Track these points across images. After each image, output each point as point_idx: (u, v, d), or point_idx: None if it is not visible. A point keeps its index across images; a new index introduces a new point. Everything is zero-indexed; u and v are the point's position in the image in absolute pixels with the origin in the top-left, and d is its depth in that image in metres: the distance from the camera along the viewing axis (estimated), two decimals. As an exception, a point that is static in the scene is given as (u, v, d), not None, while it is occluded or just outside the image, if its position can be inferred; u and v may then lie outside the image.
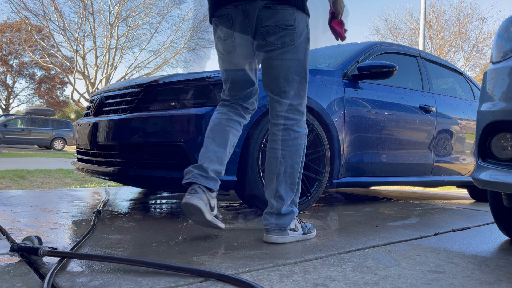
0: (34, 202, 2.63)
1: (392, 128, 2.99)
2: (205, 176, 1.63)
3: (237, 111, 1.79)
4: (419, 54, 3.61)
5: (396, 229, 2.09)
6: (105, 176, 2.39)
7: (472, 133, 3.66)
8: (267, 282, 1.18)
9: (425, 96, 3.33)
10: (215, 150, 1.68)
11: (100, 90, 2.82)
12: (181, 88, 2.24)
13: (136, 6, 19.95)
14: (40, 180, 4.52)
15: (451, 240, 1.91)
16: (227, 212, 2.46)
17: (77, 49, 19.02)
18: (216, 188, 1.66)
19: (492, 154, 1.56)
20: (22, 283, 1.11)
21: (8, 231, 1.72)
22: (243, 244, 1.64)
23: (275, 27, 1.61)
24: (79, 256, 1.32)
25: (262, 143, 2.26)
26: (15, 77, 29.52)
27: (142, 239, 1.66)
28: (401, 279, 1.27)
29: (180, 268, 1.22)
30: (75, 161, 2.97)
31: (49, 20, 18.47)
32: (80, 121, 2.82)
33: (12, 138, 16.09)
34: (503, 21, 1.67)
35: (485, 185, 1.53)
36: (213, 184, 1.64)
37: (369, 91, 2.88)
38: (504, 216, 1.88)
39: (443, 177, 3.47)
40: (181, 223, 2.07)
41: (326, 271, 1.32)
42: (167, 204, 2.78)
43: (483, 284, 1.26)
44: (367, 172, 2.86)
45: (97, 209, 2.21)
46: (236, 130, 1.76)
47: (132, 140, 2.21)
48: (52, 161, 8.64)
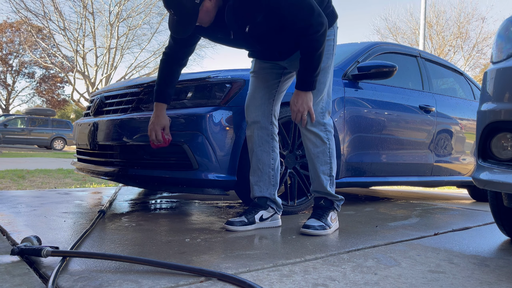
0: (34, 202, 2.63)
1: (392, 128, 2.99)
2: None
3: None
4: (419, 54, 3.61)
5: (396, 229, 2.09)
6: (105, 176, 2.39)
7: (472, 133, 3.66)
8: (267, 282, 1.18)
9: (425, 96, 3.33)
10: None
11: (100, 90, 2.82)
12: (181, 88, 2.24)
13: (136, 6, 19.96)
14: (40, 180, 4.52)
15: (451, 240, 1.91)
16: (227, 212, 2.46)
17: (77, 49, 19.02)
18: None
19: (492, 153, 1.55)
20: (22, 283, 1.11)
21: (8, 231, 1.72)
22: (243, 244, 1.64)
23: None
24: (82, 255, 1.32)
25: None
26: (15, 77, 29.51)
27: (142, 239, 1.66)
28: (401, 279, 1.27)
29: (183, 268, 1.22)
30: (75, 161, 2.98)
31: (49, 20, 18.48)
32: (80, 121, 2.82)
33: (12, 138, 16.09)
34: (503, 21, 1.67)
35: (485, 185, 1.53)
36: None
37: (369, 91, 2.88)
38: (504, 216, 1.88)
39: (443, 177, 3.47)
40: (181, 223, 2.07)
41: (326, 271, 1.31)
42: (167, 204, 2.78)
43: (483, 284, 1.26)
44: (367, 172, 2.86)
45: (102, 209, 2.21)
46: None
47: (132, 141, 2.21)
48: (52, 161, 8.64)
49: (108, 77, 19.92)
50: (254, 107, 1.99)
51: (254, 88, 2.02)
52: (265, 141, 1.99)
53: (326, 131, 1.93)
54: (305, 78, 1.80)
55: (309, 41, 1.73)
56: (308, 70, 1.79)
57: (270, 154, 2.00)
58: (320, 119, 1.91)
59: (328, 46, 1.92)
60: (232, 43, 1.91)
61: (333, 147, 1.96)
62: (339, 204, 2.00)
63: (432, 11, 21.79)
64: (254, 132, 1.99)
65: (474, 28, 22.51)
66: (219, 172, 2.13)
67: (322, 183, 1.94)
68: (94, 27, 19.57)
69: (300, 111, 1.84)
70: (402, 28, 23.61)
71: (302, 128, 1.92)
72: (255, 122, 1.99)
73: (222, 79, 2.20)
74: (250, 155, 2.03)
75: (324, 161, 1.94)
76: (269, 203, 2.00)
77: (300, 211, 2.43)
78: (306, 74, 1.80)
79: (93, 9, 19.20)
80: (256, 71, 2.05)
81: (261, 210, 1.97)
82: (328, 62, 1.93)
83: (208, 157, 2.09)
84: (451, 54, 22.28)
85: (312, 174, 1.97)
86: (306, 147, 1.95)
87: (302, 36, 1.73)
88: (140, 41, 21.82)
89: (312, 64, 1.77)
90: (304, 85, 1.81)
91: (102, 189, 3.65)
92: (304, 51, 1.77)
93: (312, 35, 1.71)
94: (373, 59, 3.03)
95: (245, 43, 1.90)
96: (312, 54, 1.75)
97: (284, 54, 1.94)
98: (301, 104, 1.83)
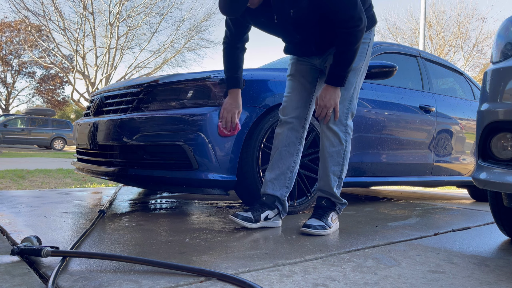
0: (34, 202, 2.63)
1: (392, 128, 2.99)
2: None
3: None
4: (419, 54, 3.61)
5: (396, 229, 2.09)
6: (105, 176, 2.39)
7: (472, 133, 3.66)
8: (267, 282, 1.18)
9: (425, 96, 3.33)
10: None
11: (100, 90, 2.82)
12: (181, 88, 2.24)
13: (136, 6, 19.95)
14: (40, 180, 4.52)
15: (451, 240, 1.91)
16: (227, 212, 2.46)
17: (77, 49, 19.02)
18: None
19: (492, 153, 1.55)
20: (22, 283, 1.11)
21: (8, 231, 1.72)
22: (243, 244, 1.64)
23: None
24: (82, 255, 1.32)
25: (262, 143, 2.26)
26: (15, 77, 29.51)
27: (142, 239, 1.66)
28: (401, 279, 1.27)
29: (183, 268, 1.22)
30: (75, 161, 2.98)
31: (49, 20, 18.48)
32: (80, 121, 2.82)
33: (12, 138, 16.09)
34: (503, 21, 1.67)
35: (485, 185, 1.53)
36: None
37: (369, 91, 2.88)
38: (504, 216, 1.88)
39: (443, 177, 3.47)
40: (181, 223, 2.07)
41: (326, 271, 1.31)
42: (167, 204, 2.78)
43: (483, 284, 1.26)
44: (367, 172, 2.86)
45: (102, 209, 2.20)
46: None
47: (132, 140, 2.21)
48: (52, 161, 8.64)
49: (108, 77, 19.91)
50: (290, 109, 2.02)
51: (291, 91, 2.06)
52: (292, 143, 2.01)
53: (346, 133, 1.93)
54: (337, 73, 1.82)
55: (347, 34, 1.76)
56: (341, 64, 1.81)
57: (293, 156, 2.01)
58: (343, 119, 1.91)
59: (362, 48, 1.94)
60: (273, 29, 1.94)
61: (349, 150, 1.96)
62: (341, 207, 2.00)
63: (432, 11, 21.80)
64: (284, 132, 2.02)
65: (474, 28, 22.57)
66: (219, 172, 2.13)
67: (330, 183, 1.93)
68: (94, 27, 19.57)
69: (326, 106, 1.86)
70: (402, 28, 23.69)
71: (323, 125, 1.93)
72: (289, 123, 2.01)
73: (222, 79, 2.20)
74: (272, 152, 2.04)
75: (337, 161, 1.93)
76: (277, 203, 2.00)
77: (300, 211, 2.43)
78: (338, 69, 1.82)
79: (93, 9, 19.20)
80: (293, 74, 2.09)
81: (268, 210, 1.97)
82: (360, 63, 1.94)
83: (208, 157, 2.09)
84: (451, 54, 22.29)
85: (321, 173, 1.96)
86: (323, 144, 1.95)
87: (341, 28, 1.77)
88: (140, 41, 21.79)
89: (346, 59, 1.80)
90: (335, 80, 1.84)
91: (102, 189, 3.65)
92: (340, 44, 1.80)
93: (351, 29, 1.75)
94: (373, 59, 3.03)
95: (285, 30, 1.92)
96: (348, 49, 1.78)
97: (320, 50, 1.97)
98: (329, 99, 1.85)
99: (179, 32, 20.80)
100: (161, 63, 21.72)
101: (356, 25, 1.74)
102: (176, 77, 2.29)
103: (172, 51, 21.77)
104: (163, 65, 21.78)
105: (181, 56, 28.67)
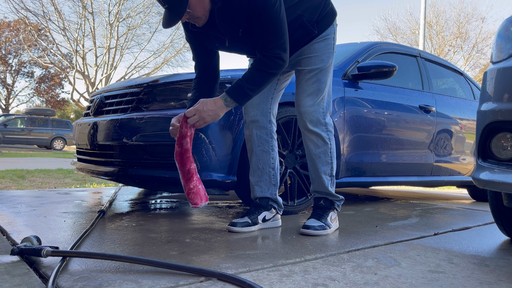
0: (34, 202, 2.63)
1: (392, 128, 2.99)
2: None
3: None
4: (419, 54, 3.61)
5: (396, 229, 2.09)
6: (105, 176, 2.39)
7: (472, 133, 3.66)
8: (267, 282, 1.18)
9: (425, 96, 3.33)
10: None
11: (100, 90, 2.82)
12: (181, 88, 2.24)
13: (136, 6, 19.96)
14: (40, 180, 4.52)
15: (451, 240, 1.91)
16: (227, 212, 2.46)
17: (76, 49, 19.02)
18: None
19: (492, 153, 1.55)
20: (22, 283, 1.11)
21: (8, 231, 1.72)
22: (243, 244, 1.64)
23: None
24: (82, 255, 1.32)
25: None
26: (15, 77, 29.50)
27: (142, 239, 1.66)
28: (401, 279, 1.27)
29: (183, 268, 1.22)
30: (75, 161, 2.97)
31: (49, 20, 18.47)
32: (80, 121, 2.82)
33: (12, 138, 16.09)
34: (503, 21, 1.67)
35: (485, 185, 1.53)
36: None
37: (369, 91, 2.88)
38: (504, 216, 1.88)
39: (443, 176, 3.47)
40: (181, 223, 2.07)
41: (326, 271, 1.32)
42: (167, 204, 2.78)
43: (483, 284, 1.26)
44: (367, 172, 2.86)
45: (102, 209, 2.20)
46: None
47: (132, 140, 2.21)
48: (52, 161, 8.64)
49: (108, 77, 19.92)
50: (252, 107, 1.97)
51: None
52: (264, 140, 1.98)
53: (328, 131, 1.92)
54: (245, 87, 1.67)
55: (265, 58, 1.67)
56: (255, 81, 1.68)
57: (269, 153, 1.99)
58: (321, 119, 1.89)
59: (328, 45, 1.91)
60: (229, 51, 1.85)
61: (334, 147, 1.96)
62: (339, 204, 2.00)
63: (432, 11, 21.79)
64: (252, 132, 1.97)
65: (474, 28, 22.46)
66: (219, 172, 2.13)
67: (324, 183, 1.94)
68: (94, 27, 19.57)
69: (200, 122, 1.66)
70: (402, 28, 23.61)
71: (304, 129, 1.92)
72: (254, 121, 1.97)
73: (222, 79, 2.20)
74: (249, 155, 2.02)
75: (325, 161, 1.93)
76: (271, 203, 1.99)
77: (300, 211, 2.43)
78: (249, 84, 1.67)
79: (93, 9, 19.20)
80: None
81: (264, 210, 1.96)
82: (328, 61, 1.91)
83: (208, 157, 2.09)
84: (451, 54, 22.29)
85: (313, 174, 1.97)
86: (307, 148, 1.94)
87: (261, 51, 1.68)
88: (139, 41, 21.85)
89: (255, 79, 1.67)
90: (237, 93, 1.66)
91: (102, 189, 3.65)
92: (255, 66, 1.69)
93: (270, 54, 1.66)
94: (373, 59, 3.03)
95: (241, 50, 1.88)
96: (261, 71, 1.67)
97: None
98: (208, 115, 1.65)
99: (179, 32, 20.74)
100: (161, 63, 21.73)
101: (276, 54, 1.65)
102: (176, 77, 2.29)
103: (172, 51, 21.79)
104: (163, 65, 21.80)
105: (181, 56, 28.64)
